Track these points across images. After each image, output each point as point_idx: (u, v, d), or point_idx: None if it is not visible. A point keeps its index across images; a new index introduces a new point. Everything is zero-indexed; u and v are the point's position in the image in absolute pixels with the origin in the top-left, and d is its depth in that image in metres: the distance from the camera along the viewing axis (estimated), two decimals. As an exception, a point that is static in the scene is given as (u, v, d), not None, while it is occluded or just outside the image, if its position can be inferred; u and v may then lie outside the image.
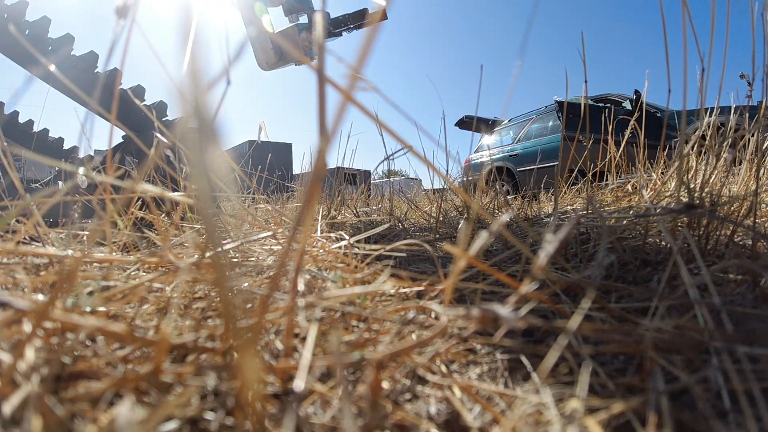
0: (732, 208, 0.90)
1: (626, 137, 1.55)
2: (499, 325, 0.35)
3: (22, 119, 2.73)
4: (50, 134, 2.87)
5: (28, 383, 0.31)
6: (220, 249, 0.29)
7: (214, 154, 0.26)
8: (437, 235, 1.23)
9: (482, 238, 0.44)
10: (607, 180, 1.67)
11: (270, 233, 0.84)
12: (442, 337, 0.48)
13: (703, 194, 0.85)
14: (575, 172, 1.83)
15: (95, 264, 0.69)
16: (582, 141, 1.57)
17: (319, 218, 1.15)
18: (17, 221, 0.82)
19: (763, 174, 1.01)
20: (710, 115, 1.10)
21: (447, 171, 1.48)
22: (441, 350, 0.46)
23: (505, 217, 0.44)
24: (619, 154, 1.65)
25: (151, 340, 0.39)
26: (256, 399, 0.30)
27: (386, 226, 0.98)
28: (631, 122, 1.55)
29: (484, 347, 0.49)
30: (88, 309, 0.47)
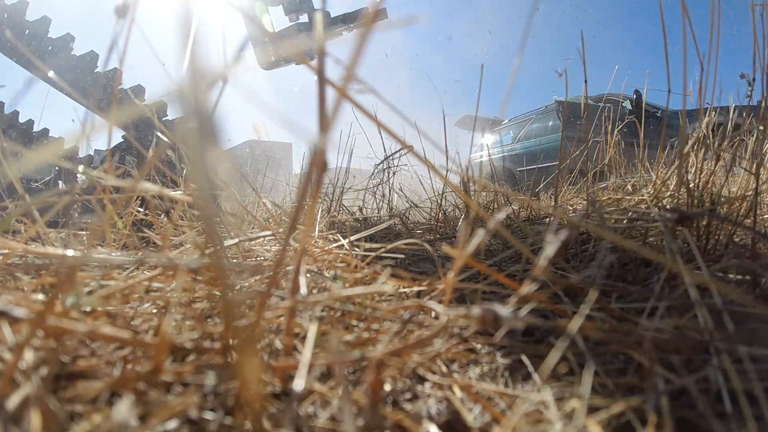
0: (732, 207, 0.90)
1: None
2: (500, 325, 0.35)
3: (22, 119, 2.73)
4: (50, 134, 2.86)
5: (28, 383, 0.31)
6: (219, 248, 0.29)
7: (214, 153, 0.26)
8: (437, 235, 1.23)
9: (479, 237, 0.44)
10: (607, 179, 1.66)
11: (270, 232, 0.84)
12: (442, 337, 0.48)
13: (703, 194, 0.85)
14: (575, 172, 1.83)
15: (95, 264, 0.69)
16: (582, 140, 1.57)
17: (318, 217, 1.15)
18: (17, 221, 0.82)
19: (763, 173, 1.01)
20: (709, 115, 1.10)
21: (447, 171, 1.48)
22: (441, 350, 0.46)
23: (501, 215, 0.44)
24: (618, 154, 1.65)
25: (148, 341, 0.39)
26: (256, 399, 0.30)
27: (386, 225, 0.98)
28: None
29: (485, 347, 0.49)
30: (87, 309, 0.47)
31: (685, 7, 0.77)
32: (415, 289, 0.63)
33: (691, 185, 0.87)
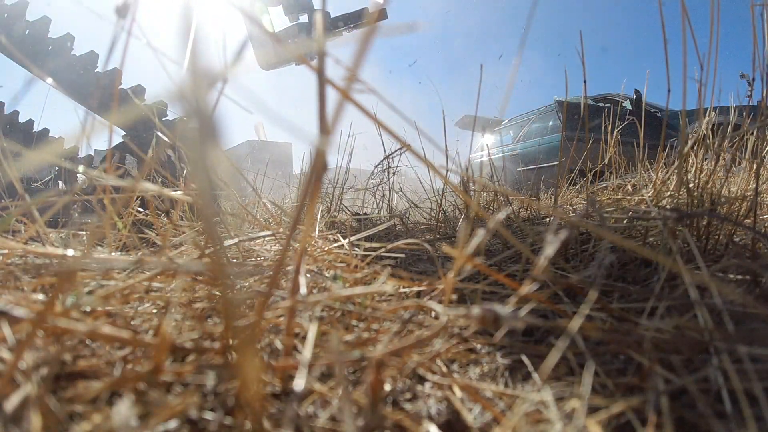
0: (732, 207, 0.90)
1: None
2: (500, 325, 0.35)
3: (22, 119, 2.73)
4: (50, 134, 2.86)
5: (28, 383, 0.31)
6: (219, 248, 0.29)
7: (214, 153, 0.26)
8: (437, 235, 1.23)
9: (479, 236, 0.44)
10: (607, 179, 1.66)
11: (270, 233, 0.84)
12: (442, 336, 0.48)
13: (703, 194, 0.85)
14: (575, 172, 1.83)
15: (94, 264, 0.69)
16: (582, 140, 1.57)
17: (318, 218, 1.15)
18: (17, 221, 0.82)
19: (763, 173, 1.01)
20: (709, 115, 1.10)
21: (447, 171, 1.48)
22: (441, 350, 0.46)
23: (501, 215, 0.44)
24: (618, 154, 1.65)
25: (148, 341, 0.39)
26: (256, 399, 0.30)
27: (386, 225, 0.98)
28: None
29: (485, 347, 0.49)
30: (87, 309, 0.47)
31: (684, 7, 0.77)
32: (415, 289, 0.63)
33: (691, 185, 0.87)
